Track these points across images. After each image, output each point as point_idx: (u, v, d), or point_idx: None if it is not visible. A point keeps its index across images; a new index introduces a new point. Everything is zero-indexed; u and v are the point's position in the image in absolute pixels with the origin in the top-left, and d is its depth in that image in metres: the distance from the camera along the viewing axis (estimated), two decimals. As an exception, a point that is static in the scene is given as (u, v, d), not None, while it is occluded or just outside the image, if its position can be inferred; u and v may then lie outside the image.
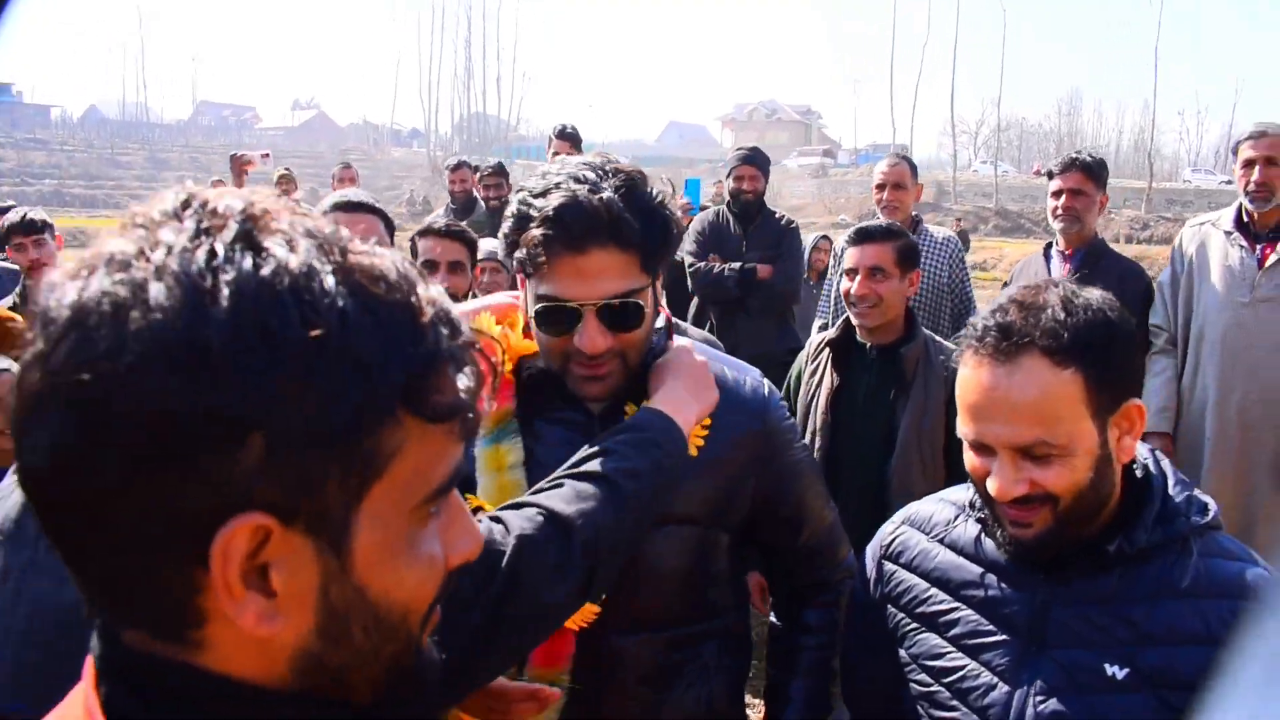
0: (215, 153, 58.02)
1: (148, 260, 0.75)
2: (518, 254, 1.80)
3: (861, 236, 3.77)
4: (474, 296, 5.83)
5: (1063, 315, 1.61)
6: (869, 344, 3.73)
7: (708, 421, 1.87)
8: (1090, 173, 4.82)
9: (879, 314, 3.65)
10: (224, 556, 0.75)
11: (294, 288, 0.75)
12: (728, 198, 6.63)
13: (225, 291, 0.73)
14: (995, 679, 1.72)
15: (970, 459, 1.71)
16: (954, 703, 1.77)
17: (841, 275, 3.82)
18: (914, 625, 1.86)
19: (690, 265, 6.38)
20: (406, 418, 0.80)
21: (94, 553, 0.77)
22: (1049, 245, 5.04)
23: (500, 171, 8.60)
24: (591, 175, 1.77)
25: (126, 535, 0.75)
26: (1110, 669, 1.62)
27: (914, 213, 5.61)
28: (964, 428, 1.69)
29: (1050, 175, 4.98)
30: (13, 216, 5.61)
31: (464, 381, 0.84)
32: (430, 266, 3.90)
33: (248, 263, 0.75)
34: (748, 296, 6.17)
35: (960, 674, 1.77)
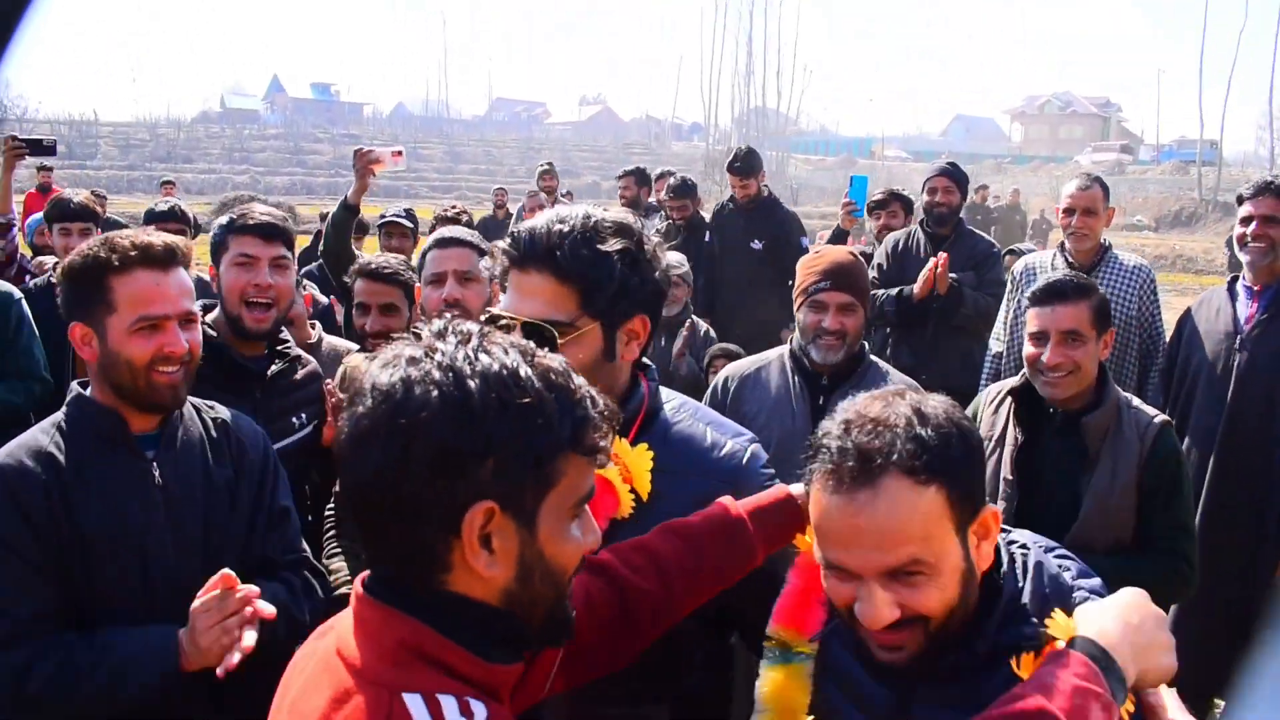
0: (508, 146, 61.57)
1: (431, 360, 1.35)
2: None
3: (1052, 295, 3.30)
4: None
5: (918, 431, 1.59)
6: (1054, 407, 3.34)
7: (645, 491, 2.02)
8: None
9: (1074, 382, 3.25)
10: (470, 526, 1.34)
11: (513, 375, 1.36)
12: (921, 214, 6.31)
13: (477, 380, 1.33)
14: None
15: (831, 585, 1.67)
16: None
17: (1019, 326, 3.50)
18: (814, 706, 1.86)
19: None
20: (570, 453, 1.39)
21: (392, 528, 1.37)
22: (1233, 280, 4.57)
23: (685, 191, 8.35)
24: (570, 214, 2.05)
25: (415, 516, 1.34)
26: None
27: (1104, 240, 5.22)
28: (824, 553, 1.66)
29: (1240, 200, 4.51)
30: (161, 206, 5.99)
31: (600, 432, 1.43)
32: (362, 309, 3.87)
33: (485, 360, 1.36)
34: (931, 323, 5.75)
35: None
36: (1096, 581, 1.78)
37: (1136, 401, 3.40)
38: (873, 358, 3.69)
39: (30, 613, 2.31)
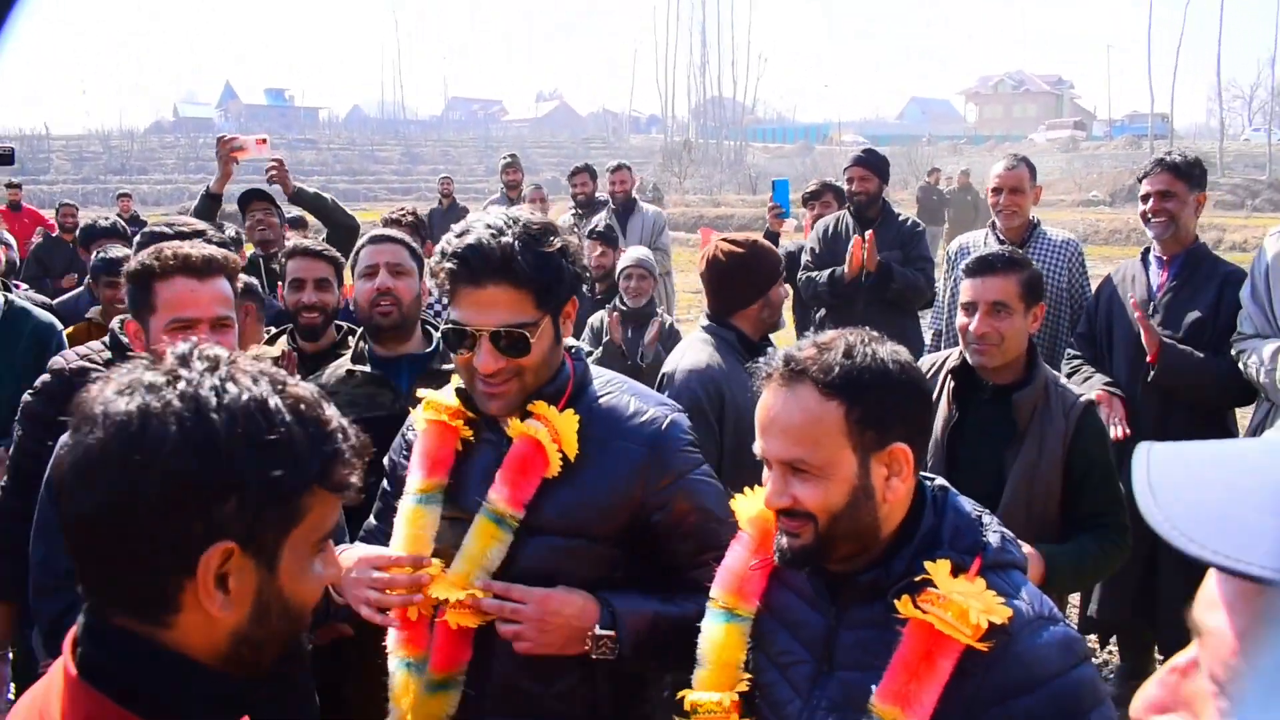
0: (466, 146, 61.60)
1: (173, 388, 1.27)
2: (439, 285, 2.22)
3: (982, 267, 3.40)
4: (619, 299, 5.84)
5: (841, 357, 1.84)
6: (986, 380, 3.44)
7: (573, 450, 2.21)
8: (1179, 173, 4.55)
9: (999, 354, 3.34)
10: (205, 567, 1.26)
11: (261, 407, 1.29)
12: (848, 202, 6.56)
13: (223, 414, 1.26)
14: (794, 694, 1.94)
15: (765, 476, 1.92)
16: (767, 712, 2.00)
17: (956, 305, 3.53)
18: (752, 643, 2.05)
19: (802, 275, 6.41)
20: (317, 489, 1.33)
21: (116, 564, 1.28)
22: (1146, 250, 4.79)
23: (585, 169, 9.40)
24: (500, 223, 2.18)
25: (145, 555, 1.26)
26: (873, 689, 1.78)
27: (1032, 217, 5.40)
28: (755, 444, 1.91)
29: (1140, 179, 4.75)
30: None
31: (350, 467, 1.37)
32: (297, 285, 4.02)
33: (232, 391, 1.28)
34: (861, 300, 5.98)
35: (772, 686, 2.00)
36: (1006, 531, 1.93)
37: (1064, 380, 3.51)
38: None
39: (70, 565, 2.46)
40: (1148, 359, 4.37)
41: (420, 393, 2.47)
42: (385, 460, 2.58)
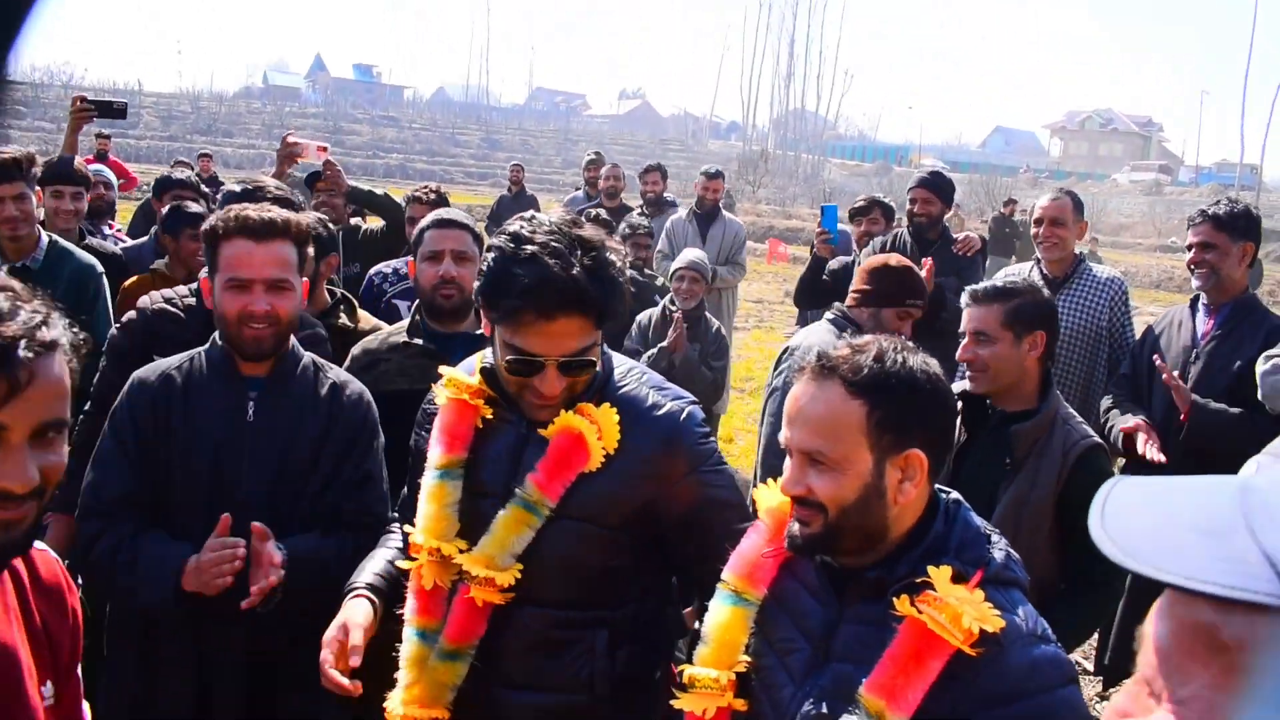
0: (545, 136, 61.97)
1: None
2: (494, 310, 2.24)
3: (971, 298, 3.55)
4: (673, 304, 5.84)
5: (872, 361, 1.92)
6: (993, 406, 3.51)
7: (614, 446, 2.28)
8: (1220, 225, 4.54)
9: (986, 380, 3.45)
10: None
11: None
12: (905, 220, 6.45)
13: None
14: (789, 680, 2.01)
15: (786, 465, 2.00)
16: (761, 695, 2.06)
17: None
18: (755, 628, 2.10)
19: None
20: None
21: None
22: (1196, 297, 4.77)
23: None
24: (563, 248, 2.18)
25: None
26: (862, 682, 1.82)
27: (1078, 250, 5.35)
28: (781, 433, 2.01)
29: (1188, 228, 4.77)
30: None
31: None
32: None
33: None
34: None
35: (769, 670, 2.06)
36: (1012, 552, 1.98)
37: (1077, 419, 3.52)
38: None
39: (114, 495, 2.78)
40: (1180, 418, 4.34)
41: (441, 369, 2.53)
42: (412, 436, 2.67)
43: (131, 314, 3.62)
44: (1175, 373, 4.48)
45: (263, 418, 2.83)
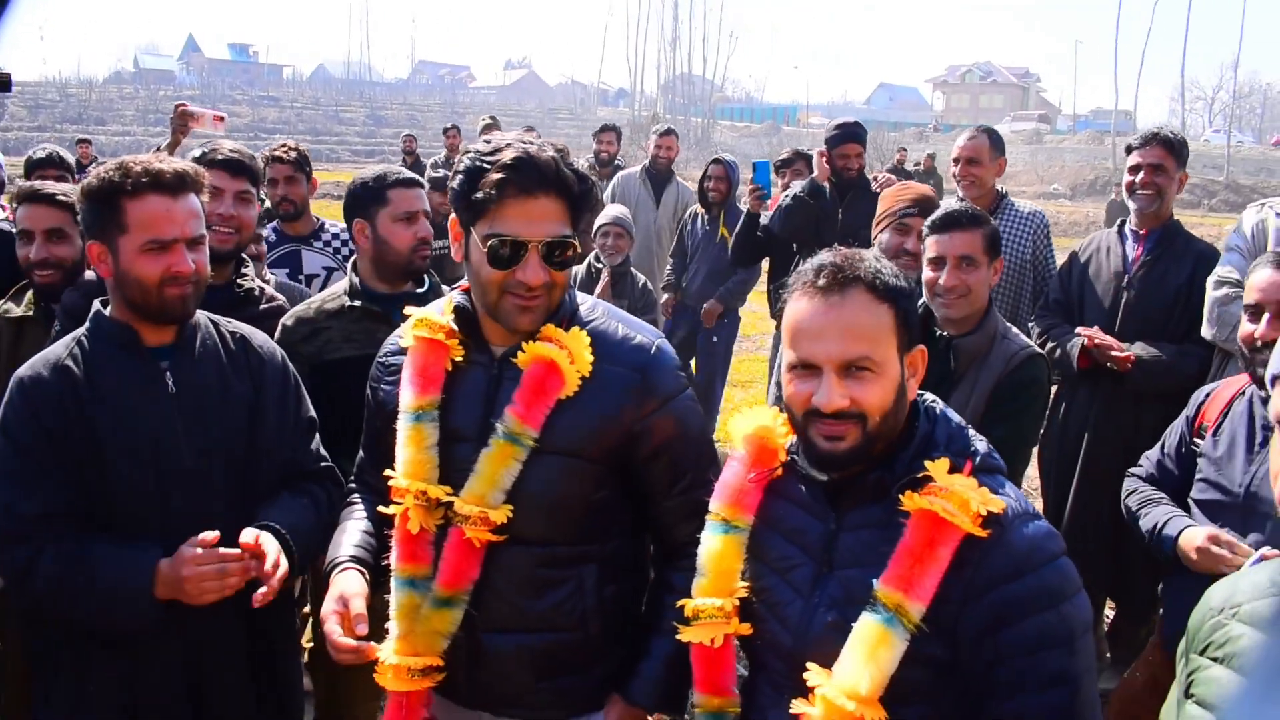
0: (431, 110, 60.49)
1: None
2: (473, 197, 2.20)
3: (949, 224, 3.48)
4: (597, 259, 5.80)
5: (877, 266, 1.96)
6: (941, 332, 3.50)
7: (587, 369, 2.27)
8: (1170, 148, 4.64)
9: (966, 305, 3.42)
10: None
11: None
12: (834, 178, 6.42)
13: None
14: (795, 595, 2.03)
15: (791, 387, 1.98)
16: (766, 614, 2.07)
17: (924, 263, 3.56)
18: (749, 554, 2.12)
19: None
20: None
21: None
22: (1122, 222, 4.83)
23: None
24: (530, 142, 2.22)
25: None
26: (875, 582, 1.88)
27: (999, 187, 5.41)
28: (792, 354, 1.97)
29: (1129, 150, 4.78)
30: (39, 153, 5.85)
31: None
32: (25, 237, 3.70)
33: None
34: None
35: (772, 589, 2.07)
36: (985, 443, 2.05)
37: (1014, 332, 3.56)
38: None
39: (35, 511, 2.48)
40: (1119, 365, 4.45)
41: (408, 310, 2.47)
42: (367, 393, 2.59)
43: (90, 274, 3.34)
44: (1106, 301, 4.62)
45: (185, 386, 2.62)
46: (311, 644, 3.79)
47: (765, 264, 7.15)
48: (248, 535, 2.48)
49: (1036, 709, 1.84)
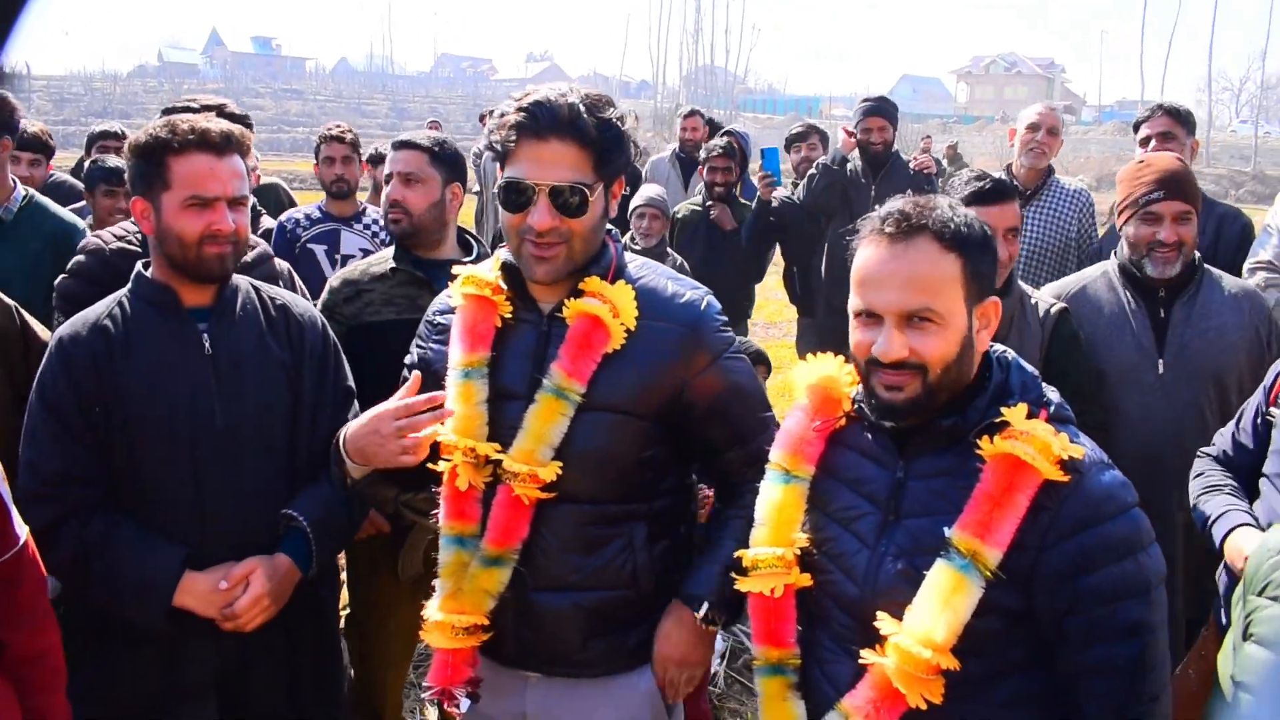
0: (454, 103, 60.63)
1: None
2: (493, 142, 2.23)
3: (995, 195, 3.41)
4: (634, 240, 5.73)
5: (949, 214, 1.91)
6: None
7: (633, 324, 2.26)
8: (1178, 117, 4.75)
9: (1003, 276, 3.41)
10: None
11: None
12: (857, 149, 6.44)
13: None
14: (860, 545, 2.00)
15: (856, 335, 1.96)
16: (829, 565, 2.05)
17: None
18: (809, 505, 2.12)
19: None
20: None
21: None
22: None
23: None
24: (565, 87, 2.24)
25: None
26: (946, 530, 1.86)
27: (1049, 164, 5.44)
28: (857, 300, 1.95)
29: (1137, 126, 4.91)
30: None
31: None
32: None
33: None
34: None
35: (835, 540, 2.05)
36: (1057, 393, 2.03)
37: (1034, 292, 3.61)
38: (1205, 266, 3.68)
39: (58, 472, 2.50)
40: None
41: (456, 269, 2.47)
42: (410, 354, 2.58)
43: (80, 258, 3.33)
44: None
45: (222, 349, 2.62)
46: (348, 610, 3.80)
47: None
48: (243, 567, 2.52)
49: (1113, 659, 1.83)
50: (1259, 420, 3.18)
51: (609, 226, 2.42)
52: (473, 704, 2.36)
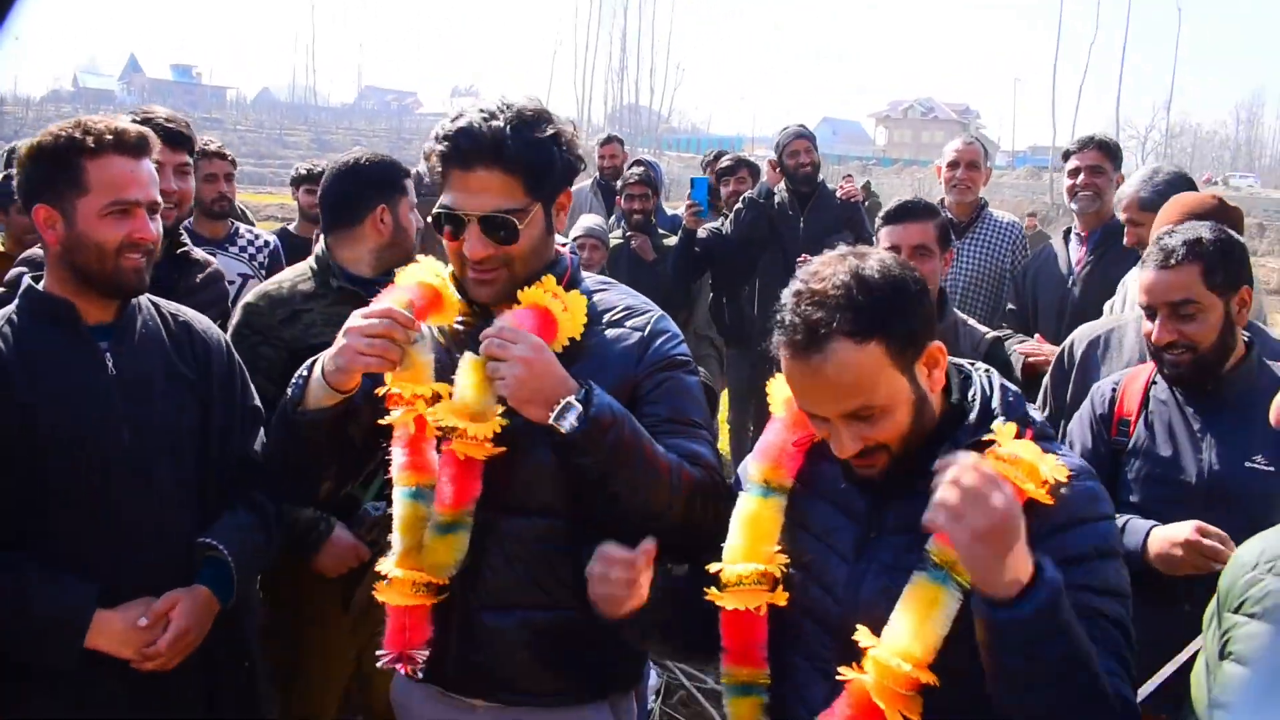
0: (377, 136, 60.13)
1: None
2: (427, 165, 2.19)
3: (903, 214, 3.51)
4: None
5: (856, 298, 1.80)
6: None
7: (578, 331, 2.20)
8: (1106, 151, 4.85)
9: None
10: None
11: None
12: (783, 181, 6.47)
13: None
14: (841, 561, 1.98)
15: (813, 423, 1.95)
16: (807, 581, 2.01)
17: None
18: (789, 521, 2.06)
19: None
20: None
21: None
22: (1068, 230, 5.01)
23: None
24: (493, 108, 2.16)
25: None
26: (928, 545, 1.81)
27: (981, 198, 5.52)
28: (797, 403, 1.95)
29: (1066, 156, 4.99)
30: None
31: None
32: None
33: None
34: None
35: (818, 557, 2.01)
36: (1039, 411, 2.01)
37: (971, 321, 3.62)
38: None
39: None
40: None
41: (399, 271, 2.35)
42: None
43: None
44: (1054, 303, 4.80)
45: (126, 368, 2.45)
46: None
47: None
48: (164, 603, 2.41)
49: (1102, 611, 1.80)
50: (1101, 449, 3.04)
51: (565, 240, 2.39)
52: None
